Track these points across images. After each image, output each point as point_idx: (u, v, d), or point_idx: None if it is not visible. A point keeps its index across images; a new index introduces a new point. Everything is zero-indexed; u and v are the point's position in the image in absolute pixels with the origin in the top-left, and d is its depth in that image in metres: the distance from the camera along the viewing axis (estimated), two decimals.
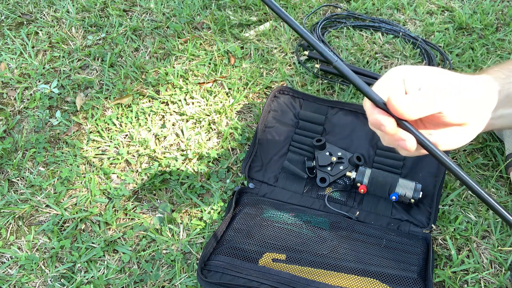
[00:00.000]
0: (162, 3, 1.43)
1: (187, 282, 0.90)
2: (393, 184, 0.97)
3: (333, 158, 1.01)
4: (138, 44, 1.33)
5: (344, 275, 0.84)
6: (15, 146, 1.11)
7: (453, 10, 1.39)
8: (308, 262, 0.87)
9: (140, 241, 0.95)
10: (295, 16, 1.38)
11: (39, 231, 0.98)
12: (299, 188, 1.02)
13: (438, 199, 0.97)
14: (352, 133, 1.07)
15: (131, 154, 1.10)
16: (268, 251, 0.88)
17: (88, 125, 1.15)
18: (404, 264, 0.87)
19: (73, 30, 1.37)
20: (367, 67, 1.26)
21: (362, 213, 0.98)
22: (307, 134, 1.07)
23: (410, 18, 1.39)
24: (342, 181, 1.01)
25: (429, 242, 0.91)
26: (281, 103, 1.12)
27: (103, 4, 1.44)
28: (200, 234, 0.96)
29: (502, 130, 1.01)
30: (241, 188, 1.00)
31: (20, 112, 1.19)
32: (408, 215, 0.97)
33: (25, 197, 1.02)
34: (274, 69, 1.26)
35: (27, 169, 1.07)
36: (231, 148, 1.10)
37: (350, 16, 1.39)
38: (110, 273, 0.91)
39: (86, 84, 1.24)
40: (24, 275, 0.91)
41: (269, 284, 0.83)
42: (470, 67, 1.24)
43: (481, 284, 0.89)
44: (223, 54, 1.29)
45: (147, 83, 1.23)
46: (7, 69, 1.27)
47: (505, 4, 1.41)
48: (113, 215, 0.99)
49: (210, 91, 1.21)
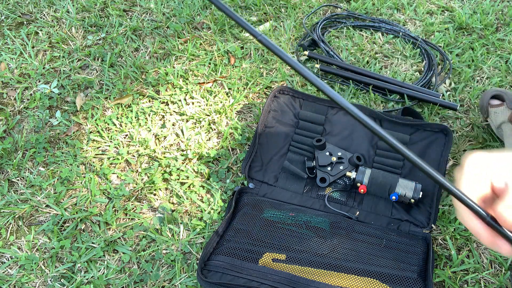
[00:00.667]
0: (162, 3, 1.43)
1: (187, 282, 0.90)
2: (393, 184, 0.97)
3: (333, 158, 1.01)
4: (138, 44, 1.33)
5: (344, 275, 0.84)
6: (15, 146, 1.11)
7: (453, 10, 1.39)
8: (308, 262, 0.87)
9: (140, 241, 0.95)
10: (295, 16, 1.39)
11: (39, 231, 0.98)
12: (299, 188, 1.02)
13: (438, 199, 0.97)
14: (352, 133, 1.07)
15: (131, 154, 1.10)
16: (268, 251, 0.88)
17: (88, 125, 1.15)
18: (404, 264, 0.87)
19: (73, 30, 1.37)
20: (367, 67, 1.26)
21: (362, 213, 0.98)
22: (307, 134, 1.07)
23: (410, 18, 1.39)
24: (342, 181, 1.01)
25: (429, 242, 0.91)
26: (281, 103, 1.12)
27: (103, 4, 1.44)
28: (200, 234, 0.96)
29: None
30: (241, 188, 1.00)
31: (20, 112, 1.19)
32: (408, 215, 0.97)
33: (25, 197, 1.02)
34: (274, 69, 1.26)
35: (27, 169, 1.07)
36: (231, 148, 1.10)
37: (350, 16, 1.39)
38: (110, 273, 0.91)
39: (86, 84, 1.24)
40: (24, 275, 0.91)
41: (269, 284, 0.83)
42: (470, 67, 1.24)
43: (481, 284, 0.89)
44: (223, 54, 1.29)
45: (147, 83, 1.23)
46: (7, 69, 1.27)
47: (505, 4, 1.41)
48: (113, 215, 0.99)
49: (210, 91, 1.21)
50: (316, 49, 1.31)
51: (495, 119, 1.04)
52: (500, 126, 1.03)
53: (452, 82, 1.22)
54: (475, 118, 1.13)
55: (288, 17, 1.39)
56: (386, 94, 1.19)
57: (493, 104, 1.05)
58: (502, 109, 1.03)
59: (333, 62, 1.25)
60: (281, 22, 1.38)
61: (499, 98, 1.06)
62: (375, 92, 1.19)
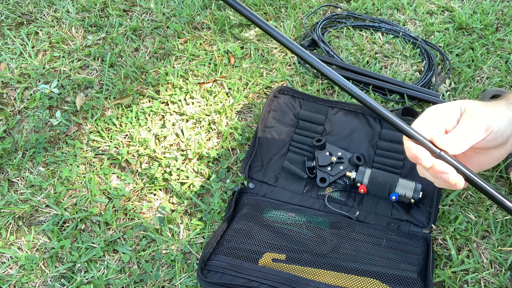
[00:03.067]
0: (162, 3, 1.43)
1: (187, 282, 0.90)
2: (393, 184, 0.97)
3: (333, 158, 1.01)
4: (138, 44, 1.33)
5: (344, 275, 0.84)
6: (15, 146, 1.11)
7: (453, 10, 1.39)
8: (308, 262, 0.87)
9: (140, 241, 0.95)
10: (295, 16, 1.39)
11: (39, 231, 0.98)
12: (299, 188, 1.02)
13: (438, 199, 0.97)
14: (352, 133, 1.07)
15: (131, 154, 1.10)
16: (268, 251, 0.88)
17: (88, 125, 1.15)
18: (404, 264, 0.87)
19: (73, 30, 1.37)
20: (367, 67, 1.26)
21: (362, 213, 0.98)
22: (307, 134, 1.07)
23: (410, 18, 1.39)
24: (342, 181, 1.01)
25: (429, 242, 0.91)
26: (281, 103, 1.12)
27: (103, 4, 1.44)
28: (200, 234, 0.96)
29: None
30: (241, 188, 1.00)
31: (20, 112, 1.19)
32: (408, 215, 0.97)
33: (25, 197, 1.02)
34: (274, 69, 1.26)
35: (27, 169, 1.07)
36: (231, 148, 1.10)
37: (350, 16, 1.39)
38: (110, 273, 0.91)
39: (86, 84, 1.24)
40: (24, 275, 0.91)
41: (269, 284, 0.83)
42: (470, 67, 1.24)
43: (481, 284, 0.89)
44: (223, 54, 1.29)
45: (147, 83, 1.23)
46: (7, 69, 1.27)
47: (505, 4, 1.41)
48: (113, 215, 0.99)
49: (210, 91, 1.21)
50: (316, 49, 1.31)
51: None
52: None
53: (452, 82, 1.22)
54: None
55: (288, 17, 1.39)
56: (386, 94, 1.19)
57: None
58: None
59: (333, 62, 1.25)
60: (281, 22, 1.38)
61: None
62: (375, 92, 1.19)
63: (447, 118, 0.56)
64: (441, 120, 0.56)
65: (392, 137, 1.04)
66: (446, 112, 0.56)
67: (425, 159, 0.53)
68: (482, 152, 0.59)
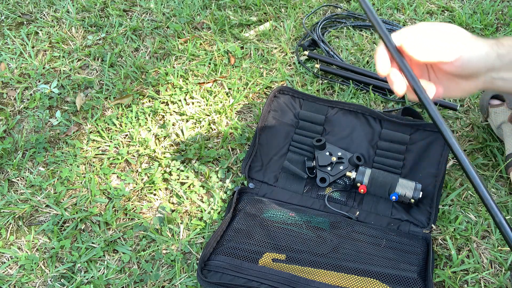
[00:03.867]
0: (162, 3, 1.43)
1: (187, 282, 0.90)
2: (393, 184, 0.97)
3: (333, 158, 1.01)
4: (138, 44, 1.33)
5: (344, 275, 0.84)
6: (15, 146, 1.11)
7: (453, 10, 1.39)
8: (308, 262, 0.87)
9: (140, 241, 0.95)
10: (295, 16, 1.39)
11: (39, 231, 0.98)
12: (299, 188, 1.02)
13: (438, 199, 0.97)
14: (352, 133, 1.07)
15: (131, 154, 1.10)
16: (268, 251, 0.88)
17: (88, 125, 1.15)
18: (404, 264, 0.87)
19: (73, 30, 1.37)
20: (367, 67, 1.26)
21: (362, 213, 0.98)
22: (307, 134, 1.07)
23: (410, 18, 1.39)
24: (342, 181, 1.01)
25: (429, 242, 0.91)
26: (281, 103, 1.12)
27: (103, 4, 1.44)
28: (200, 234, 0.96)
29: (503, 92, 1.02)
30: (241, 188, 1.00)
31: (20, 112, 1.19)
32: (408, 215, 0.97)
33: (25, 197, 1.02)
34: (274, 69, 1.26)
35: (27, 169, 1.07)
36: (231, 148, 1.10)
37: (350, 16, 1.39)
38: (110, 273, 0.91)
39: (86, 84, 1.24)
40: (24, 275, 0.91)
41: (269, 284, 0.83)
42: None
43: (481, 284, 0.89)
44: (223, 54, 1.29)
45: (147, 83, 1.23)
46: (7, 69, 1.27)
47: (505, 4, 1.42)
48: (113, 215, 0.99)
49: (210, 91, 1.21)
50: (316, 49, 1.31)
51: (495, 119, 1.04)
52: (500, 126, 1.03)
53: None
54: (475, 118, 1.13)
55: (288, 17, 1.39)
56: (386, 94, 1.19)
57: (493, 104, 1.05)
58: (502, 109, 1.03)
59: (333, 62, 1.25)
60: (281, 22, 1.38)
61: (499, 98, 1.06)
62: (375, 92, 1.19)
63: (433, 32, 0.60)
64: (425, 32, 0.60)
65: (392, 137, 1.04)
66: (435, 27, 0.60)
67: (380, 64, 0.59)
68: (451, 79, 0.64)
